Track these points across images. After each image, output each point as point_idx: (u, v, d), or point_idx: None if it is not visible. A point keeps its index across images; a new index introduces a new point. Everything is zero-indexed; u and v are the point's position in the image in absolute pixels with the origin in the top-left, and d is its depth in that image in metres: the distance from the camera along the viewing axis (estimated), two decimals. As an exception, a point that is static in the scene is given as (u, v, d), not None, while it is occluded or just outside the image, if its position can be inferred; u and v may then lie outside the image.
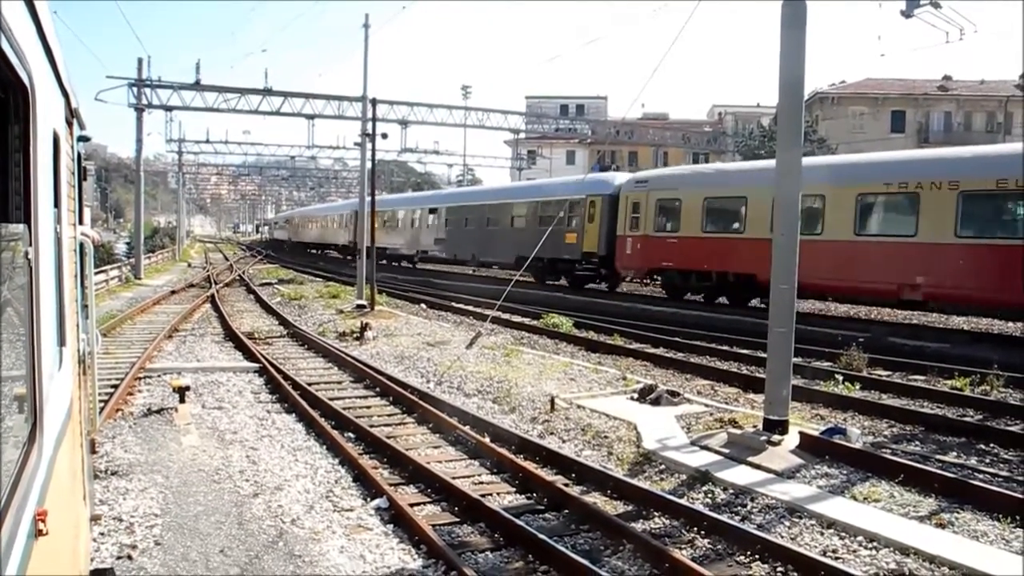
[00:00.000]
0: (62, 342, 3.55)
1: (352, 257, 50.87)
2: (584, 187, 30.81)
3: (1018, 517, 7.51)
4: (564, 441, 11.01)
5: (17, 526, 2.00)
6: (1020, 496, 8.02)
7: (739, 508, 8.16)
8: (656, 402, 12.36)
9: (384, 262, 48.22)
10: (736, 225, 25.10)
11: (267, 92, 43.09)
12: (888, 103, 68.55)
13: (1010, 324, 23.08)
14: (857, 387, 13.84)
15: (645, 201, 28.65)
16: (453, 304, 28.28)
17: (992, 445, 10.45)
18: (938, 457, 9.95)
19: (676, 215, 27.28)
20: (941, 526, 7.44)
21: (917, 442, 10.74)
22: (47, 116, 2.86)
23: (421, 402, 12.58)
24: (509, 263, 35.90)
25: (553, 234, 26.95)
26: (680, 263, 27.03)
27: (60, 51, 3.37)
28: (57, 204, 3.38)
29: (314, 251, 77.33)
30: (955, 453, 10.17)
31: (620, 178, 31.86)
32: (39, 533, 2.29)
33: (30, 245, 2.51)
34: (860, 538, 7.17)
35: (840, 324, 21.11)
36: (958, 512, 7.77)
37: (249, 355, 17.30)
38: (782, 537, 7.26)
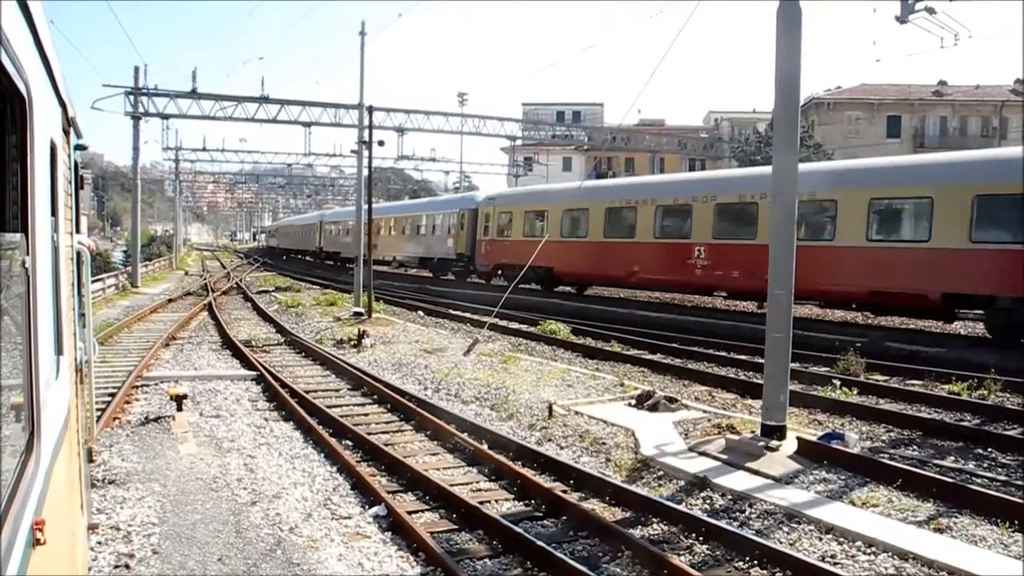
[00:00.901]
0: (59, 351, 3.55)
1: (317, 259, 66.35)
2: (460, 203, 42.60)
3: (1016, 521, 7.51)
4: (562, 448, 11.00)
5: (15, 535, 2.00)
6: (1018, 500, 8.03)
7: (737, 514, 8.15)
8: (654, 408, 12.36)
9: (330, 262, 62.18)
10: (540, 230, 32.98)
11: (264, 100, 43.15)
12: (884, 108, 68.70)
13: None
14: (855, 392, 13.86)
15: (492, 213, 37.85)
16: (450, 311, 28.27)
17: (990, 449, 10.46)
18: (936, 462, 9.95)
19: (509, 224, 36.48)
20: (939, 531, 7.44)
21: (915, 447, 10.75)
22: (44, 125, 2.86)
23: (419, 409, 12.57)
24: (414, 263, 49.53)
25: (439, 239, 42.38)
26: (511, 259, 33.97)
27: (57, 60, 3.38)
28: (54, 213, 3.38)
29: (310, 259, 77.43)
30: (953, 458, 10.18)
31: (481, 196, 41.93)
32: (36, 542, 2.28)
33: (27, 254, 2.51)
34: (858, 543, 7.17)
35: (837, 329, 21.12)
36: (956, 517, 7.78)
37: (247, 363, 17.29)
38: (780, 543, 7.26)
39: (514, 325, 23.82)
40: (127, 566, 6.75)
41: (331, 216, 70.42)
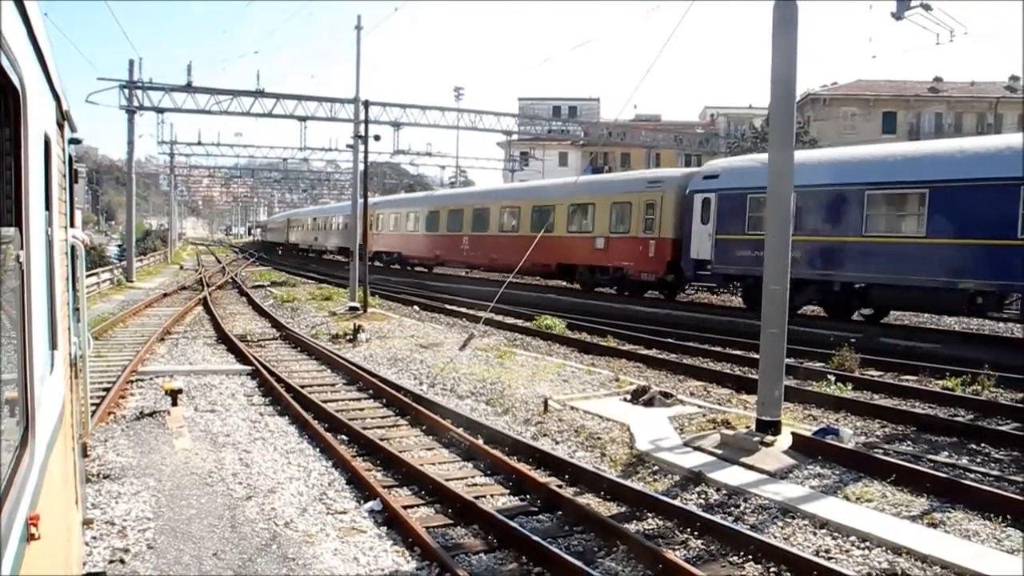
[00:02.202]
0: (54, 345, 3.54)
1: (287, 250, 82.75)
2: (346, 206, 55.98)
3: (1009, 516, 7.54)
4: (557, 443, 11.01)
5: (9, 530, 2.00)
6: (1011, 495, 8.05)
7: (732, 509, 8.17)
8: (649, 403, 12.38)
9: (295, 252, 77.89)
10: (406, 226, 48.96)
11: (259, 94, 43.04)
12: (879, 104, 68.77)
13: (1000, 324, 23.20)
14: (849, 387, 13.89)
15: (373, 215, 48.94)
16: (446, 306, 28.28)
17: (983, 445, 10.50)
18: (930, 457, 9.98)
19: (387, 222, 51.97)
20: (933, 525, 7.47)
21: (909, 442, 10.78)
22: (38, 119, 2.85)
23: (414, 404, 12.57)
24: (335, 251, 64.13)
25: (342, 233, 56.66)
26: (388, 248, 51.24)
27: (51, 53, 3.37)
28: (48, 207, 3.37)
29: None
30: (947, 453, 10.21)
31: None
32: (31, 537, 2.28)
33: (21, 248, 2.50)
34: (853, 538, 7.19)
35: (832, 325, 21.14)
36: (950, 512, 7.80)
37: (242, 358, 17.27)
38: (775, 537, 7.28)
39: (510, 320, 23.86)
40: (122, 561, 6.75)
41: (295, 214, 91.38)
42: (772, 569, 6.61)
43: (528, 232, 32.67)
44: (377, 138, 29.87)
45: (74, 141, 5.45)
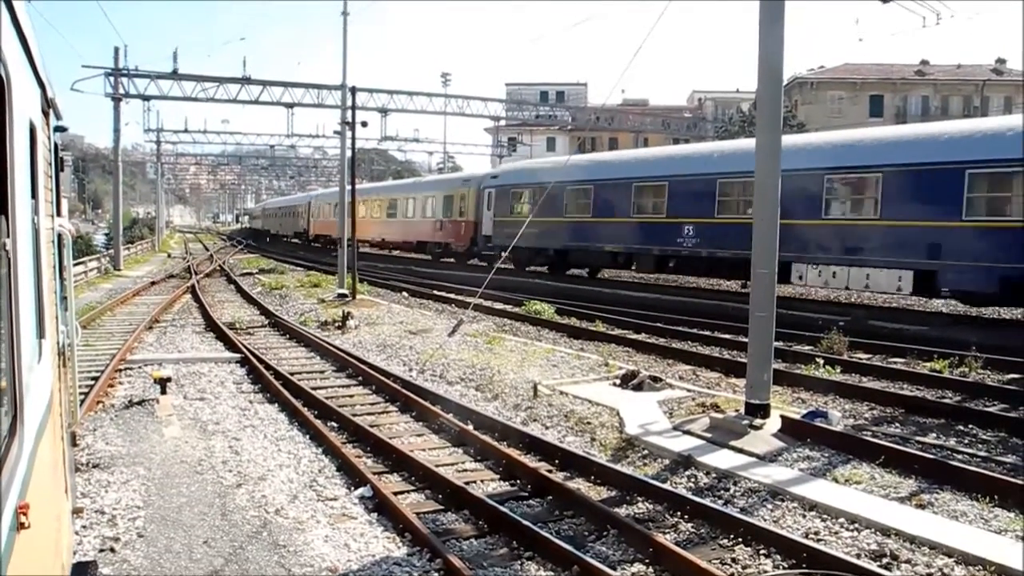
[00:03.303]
0: (41, 334, 3.53)
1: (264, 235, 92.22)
2: (306, 199, 74.63)
3: (996, 497, 7.60)
4: (547, 427, 11.04)
5: (-1, 520, 1.99)
6: (998, 476, 8.12)
7: (722, 492, 8.21)
8: (638, 388, 12.42)
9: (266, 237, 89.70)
10: (331, 215, 56.27)
11: (245, 81, 42.78)
12: (867, 87, 68.92)
13: (987, 308, 23.33)
14: (838, 370, 13.96)
15: (314, 205, 67.91)
16: (435, 292, 28.26)
17: (971, 426, 10.57)
18: (918, 439, 10.05)
19: (324, 211, 62.67)
20: (921, 507, 7.53)
21: (897, 424, 10.84)
22: (23, 107, 2.83)
23: (404, 390, 12.57)
24: (289, 236, 77.75)
25: (297, 221, 74.47)
26: (323, 232, 61.69)
27: (35, 40, 3.34)
28: (34, 195, 3.35)
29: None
30: (934, 434, 10.28)
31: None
32: (21, 527, 2.28)
33: (7, 237, 2.49)
34: (842, 520, 7.24)
35: (821, 308, 21.26)
36: (938, 493, 7.86)
37: (231, 345, 17.23)
38: (765, 520, 7.32)
39: (499, 306, 23.84)
40: (112, 549, 6.74)
41: (267, 204, 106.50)
42: (762, 551, 6.65)
43: (403, 218, 49.01)
44: (364, 124, 29.75)
45: (59, 129, 5.41)
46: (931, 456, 8.94)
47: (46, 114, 4.39)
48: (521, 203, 34.58)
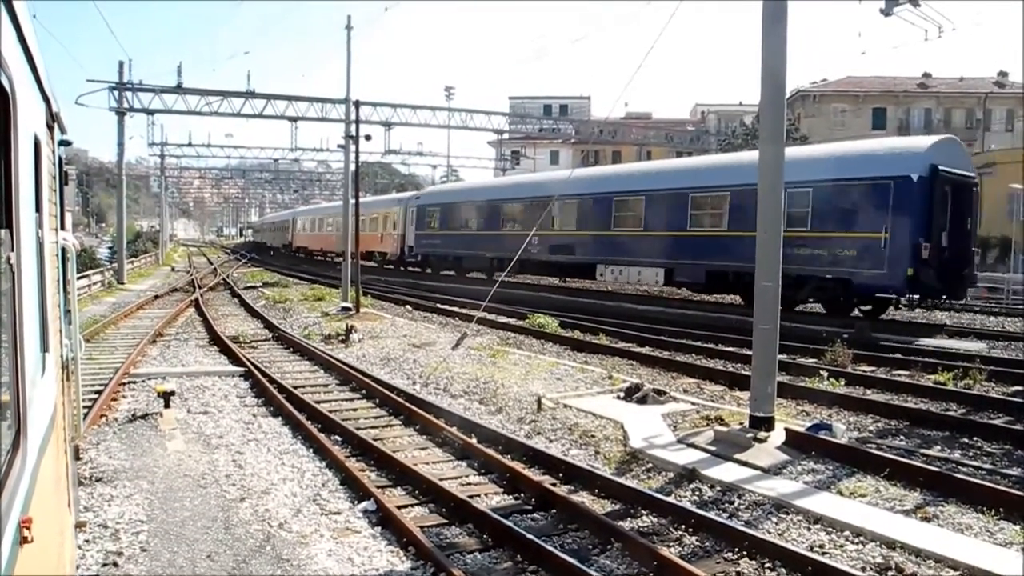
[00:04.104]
0: (45, 348, 3.53)
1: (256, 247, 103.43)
2: (290, 213, 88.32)
3: (1002, 509, 7.57)
4: (551, 441, 11.01)
5: (2, 534, 1.99)
6: (1004, 488, 8.09)
7: (726, 505, 8.19)
8: (642, 401, 12.39)
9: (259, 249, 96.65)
10: (306, 229, 74.17)
11: (249, 95, 42.97)
12: (869, 100, 69.02)
13: (992, 319, 23.30)
14: (842, 383, 13.92)
15: (297, 221, 78.98)
16: (438, 305, 28.27)
17: (975, 438, 10.53)
18: (923, 451, 10.01)
19: (304, 226, 75.11)
20: (926, 519, 7.49)
21: (902, 436, 10.81)
22: (28, 121, 2.84)
23: (408, 404, 12.56)
24: (279, 248, 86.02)
25: (284, 232, 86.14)
26: (304, 245, 73.43)
27: (40, 55, 3.35)
28: (39, 209, 3.36)
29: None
30: (939, 447, 10.24)
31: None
32: (24, 541, 2.27)
33: (12, 250, 2.49)
34: (847, 533, 7.21)
35: (824, 320, 21.20)
36: (943, 505, 7.83)
37: (234, 359, 17.23)
38: (769, 533, 7.29)
39: (503, 319, 23.84)
40: (115, 564, 6.72)
41: (265, 219, 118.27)
42: (767, 565, 6.62)
43: (363, 232, 59.64)
44: (368, 138, 29.80)
45: (64, 143, 5.43)
46: (936, 468, 8.90)
47: (50, 128, 4.41)
48: (433, 219, 43.60)
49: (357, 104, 29.28)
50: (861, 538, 7.07)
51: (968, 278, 22.59)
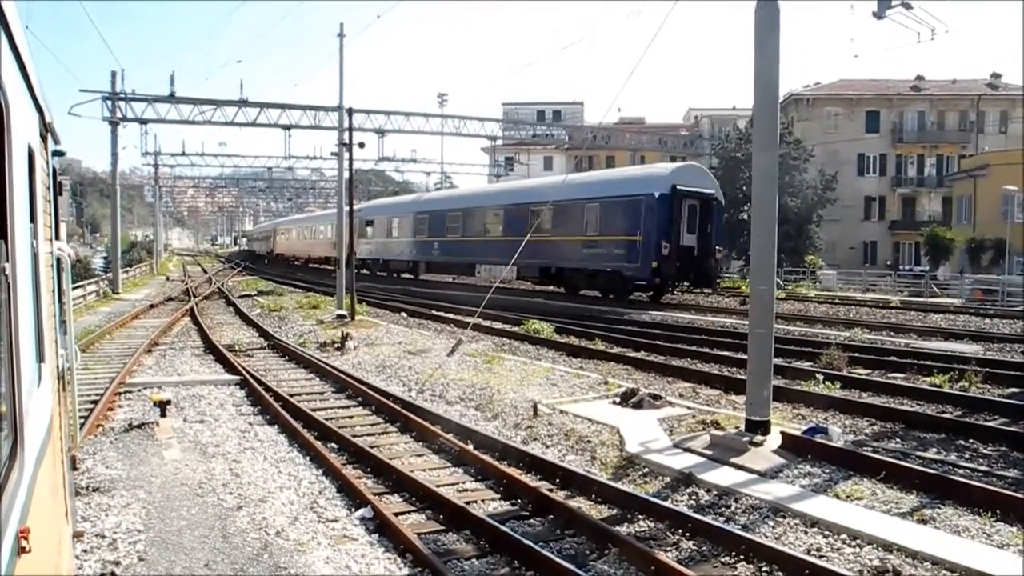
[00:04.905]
0: (41, 358, 3.53)
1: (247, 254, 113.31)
2: (273, 225, 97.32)
3: (999, 511, 7.58)
4: (547, 446, 11.01)
5: (0, 544, 1.99)
6: (1000, 490, 8.10)
7: (723, 509, 8.19)
8: (638, 406, 12.39)
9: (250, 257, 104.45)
10: (286, 237, 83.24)
11: (243, 103, 42.99)
12: (862, 103, 69.22)
13: (987, 321, 23.37)
14: (837, 386, 13.93)
15: (279, 230, 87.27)
16: (433, 312, 28.25)
17: (971, 441, 10.54)
18: (919, 454, 10.02)
19: (287, 234, 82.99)
20: (923, 522, 7.50)
21: (898, 439, 10.82)
22: (21, 131, 2.84)
23: (403, 411, 12.55)
24: (264, 254, 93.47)
25: (264, 241, 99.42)
26: (284, 251, 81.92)
27: (33, 65, 3.36)
28: (33, 219, 3.36)
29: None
30: (935, 449, 10.25)
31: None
32: (22, 551, 2.27)
33: (7, 261, 2.50)
34: (843, 536, 7.21)
35: (821, 324, 21.25)
36: (939, 508, 7.84)
37: (230, 367, 17.21)
38: (766, 537, 7.30)
39: (498, 325, 23.84)
40: (113, 573, 6.71)
41: (255, 228, 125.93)
42: (764, 568, 6.63)
43: (314, 240, 66.31)
44: (362, 145, 29.89)
45: (58, 153, 5.43)
46: (932, 471, 8.91)
47: (44, 138, 4.41)
48: (369, 230, 52.09)
49: (350, 112, 29.33)
50: (858, 541, 7.08)
51: (711, 271, 30.81)
